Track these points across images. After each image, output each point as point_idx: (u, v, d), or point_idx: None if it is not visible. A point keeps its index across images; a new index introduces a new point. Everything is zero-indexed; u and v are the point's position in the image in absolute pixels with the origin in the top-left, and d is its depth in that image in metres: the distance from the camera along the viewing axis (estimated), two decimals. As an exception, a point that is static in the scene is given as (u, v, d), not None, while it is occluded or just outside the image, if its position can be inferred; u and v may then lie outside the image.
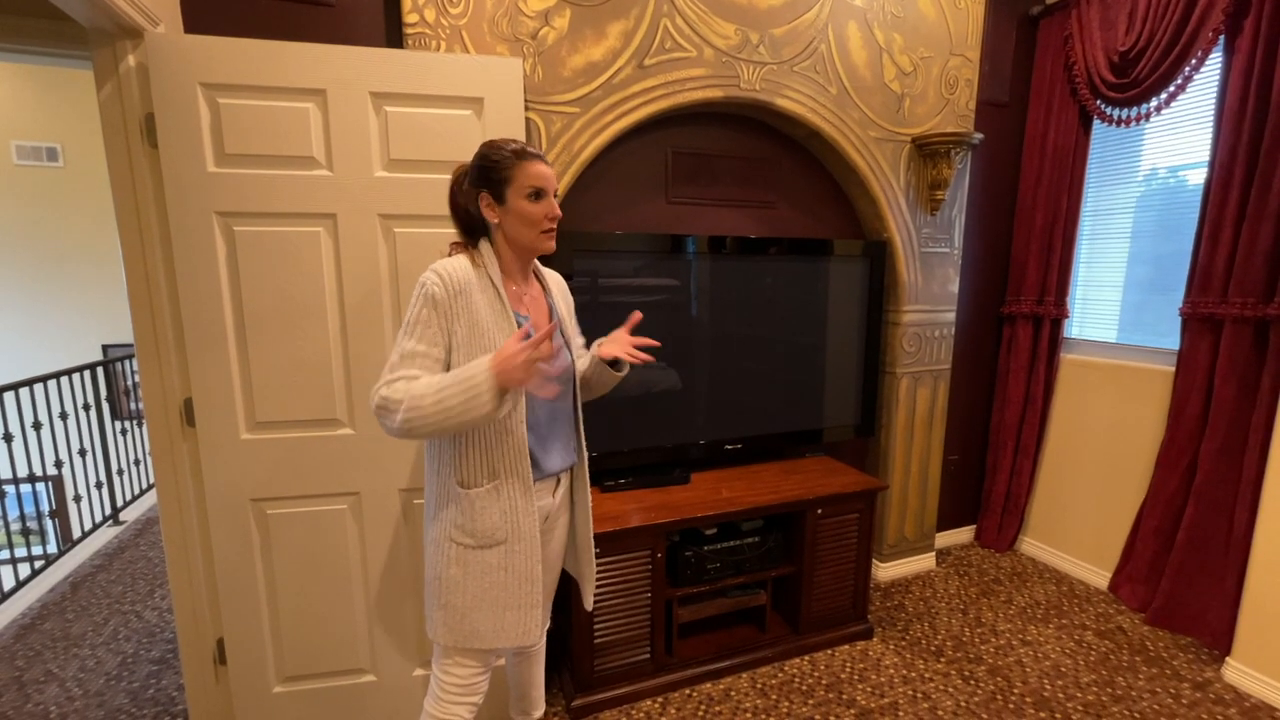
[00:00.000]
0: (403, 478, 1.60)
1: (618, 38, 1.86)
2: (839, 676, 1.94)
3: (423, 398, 1.02)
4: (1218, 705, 1.82)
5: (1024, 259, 2.69)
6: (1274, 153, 1.90)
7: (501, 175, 1.15)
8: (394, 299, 1.54)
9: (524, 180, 1.14)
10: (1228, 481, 2.06)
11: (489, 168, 1.15)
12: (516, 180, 1.14)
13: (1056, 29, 2.54)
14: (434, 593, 1.20)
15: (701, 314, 2.10)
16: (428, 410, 1.02)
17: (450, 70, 1.50)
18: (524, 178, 1.14)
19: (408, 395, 1.04)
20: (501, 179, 1.15)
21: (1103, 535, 2.50)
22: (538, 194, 1.15)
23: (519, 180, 1.14)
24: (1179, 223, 2.27)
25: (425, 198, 1.52)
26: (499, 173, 1.15)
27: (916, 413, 2.52)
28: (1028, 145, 2.68)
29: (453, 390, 1.01)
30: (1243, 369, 2.01)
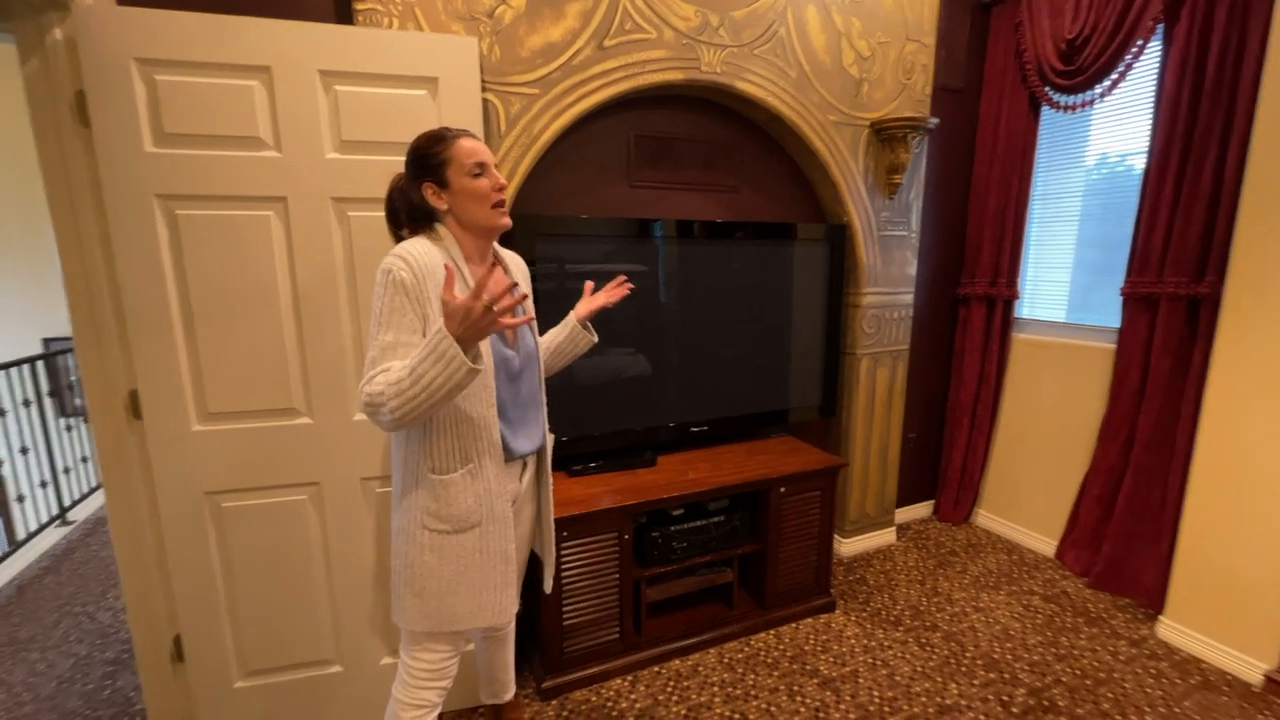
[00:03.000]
0: (364, 466, 1.58)
1: (576, 18, 1.84)
2: (803, 648, 2.00)
3: (402, 383, 0.99)
4: (1151, 660, 1.94)
5: (978, 242, 2.78)
6: (1205, 139, 1.99)
7: (439, 160, 1.13)
8: (350, 284, 1.51)
9: (462, 158, 1.13)
10: (1162, 451, 2.18)
11: (424, 156, 1.14)
12: (455, 160, 1.13)
13: (1008, 16, 2.60)
14: (405, 580, 1.19)
15: (666, 298, 2.11)
16: (412, 392, 0.99)
17: (403, 48, 1.46)
18: (461, 155, 1.13)
19: (388, 386, 1.01)
20: (440, 163, 1.14)
21: (1050, 506, 2.63)
22: (480, 168, 1.14)
23: (457, 159, 1.13)
24: (1122, 206, 2.37)
25: (380, 181, 1.48)
26: (435, 158, 1.14)
27: (876, 393, 2.60)
28: (981, 130, 2.75)
29: (425, 365, 0.97)
30: (1176, 345, 2.12)
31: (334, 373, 1.52)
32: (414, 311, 1.08)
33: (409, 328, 1.08)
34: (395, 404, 1.00)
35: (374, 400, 1.02)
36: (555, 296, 1.85)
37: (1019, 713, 1.71)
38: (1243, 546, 1.86)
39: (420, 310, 1.09)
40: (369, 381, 1.04)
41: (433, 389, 0.98)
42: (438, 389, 0.99)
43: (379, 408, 1.02)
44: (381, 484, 1.60)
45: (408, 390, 0.99)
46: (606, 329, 1.52)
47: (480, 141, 1.17)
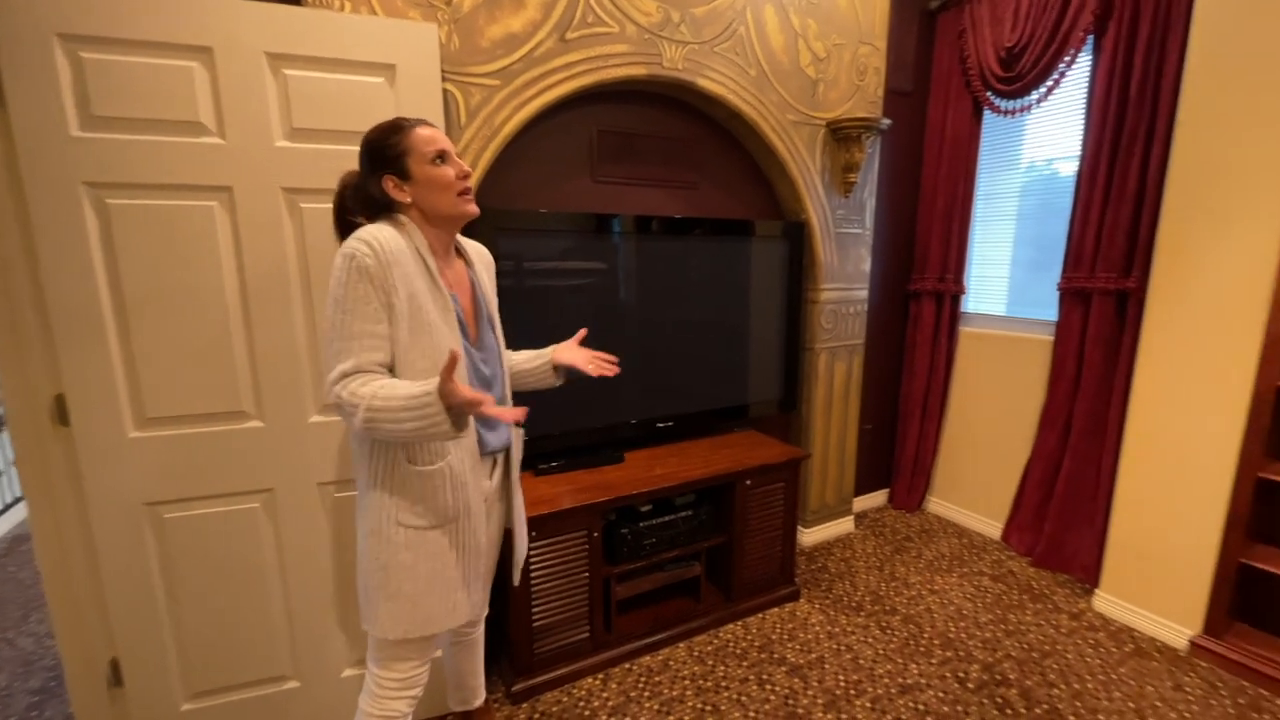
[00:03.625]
0: (322, 471, 1.51)
1: (538, 8, 1.81)
2: (770, 638, 2.04)
3: (380, 412, 0.97)
4: (1090, 631, 2.07)
5: (927, 239, 2.89)
6: (1131, 144, 2.13)
7: (397, 150, 1.09)
8: (302, 279, 1.44)
9: (421, 146, 1.09)
10: (1096, 436, 2.33)
11: (381, 148, 1.10)
12: (414, 149, 1.09)
13: (952, 23, 2.72)
14: (378, 584, 1.13)
15: (631, 294, 2.10)
16: (388, 426, 0.98)
17: (357, 32, 1.40)
18: (421, 144, 1.09)
19: (364, 405, 0.98)
20: (398, 154, 1.09)
21: (996, 491, 2.77)
22: (441, 156, 1.10)
23: (416, 149, 1.08)
24: (1057, 206, 2.51)
25: (335, 171, 1.41)
26: (393, 149, 1.09)
27: (834, 386, 2.67)
28: (929, 132, 2.86)
29: (409, 413, 0.96)
30: (1107, 336, 2.27)
31: (287, 373, 1.45)
32: (378, 299, 1.03)
33: (374, 317, 1.03)
34: (369, 425, 0.99)
35: (345, 406, 1.00)
36: (516, 294, 1.82)
37: (974, 688, 1.79)
38: (1168, 523, 2.00)
39: (385, 299, 1.04)
40: (343, 384, 1.01)
41: (406, 432, 0.98)
42: (411, 434, 0.98)
43: (349, 414, 1.00)
44: (340, 488, 1.53)
45: (384, 423, 0.98)
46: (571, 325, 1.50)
47: (438, 129, 1.13)
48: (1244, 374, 1.81)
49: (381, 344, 1.05)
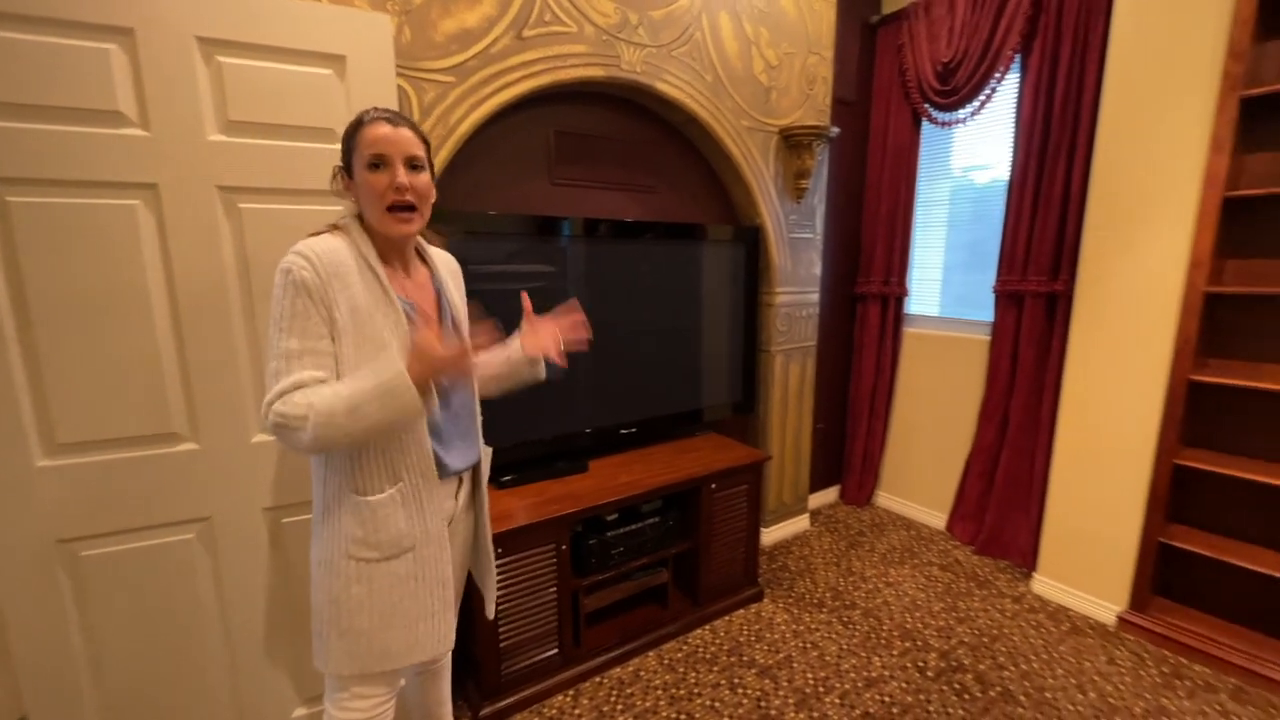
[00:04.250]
0: (266, 495, 1.38)
1: (493, 4, 1.74)
2: (738, 640, 2.05)
3: (333, 413, 0.90)
4: (1030, 612, 2.21)
5: (872, 244, 3.01)
6: (1055, 155, 2.29)
7: (348, 146, 1.02)
8: (243, 286, 1.31)
9: (363, 147, 0.99)
10: (1031, 429, 2.49)
11: (343, 141, 1.03)
12: (358, 149, 0.99)
13: (892, 37, 2.84)
14: (328, 619, 1.05)
15: (591, 299, 2.04)
16: (347, 426, 0.91)
17: (302, 20, 1.29)
18: (363, 144, 0.99)
19: (312, 411, 0.90)
20: (349, 149, 1.02)
21: (940, 484, 2.91)
22: (378, 161, 0.98)
23: (359, 148, 0.99)
24: (991, 213, 2.67)
25: (280, 168, 1.31)
26: (346, 144, 1.03)
27: (789, 387, 2.72)
28: (872, 141, 2.98)
29: (369, 399, 0.90)
30: (1039, 335, 2.43)
31: (226, 389, 1.32)
32: (318, 314, 0.96)
33: (315, 333, 0.96)
34: (321, 432, 0.91)
35: (289, 421, 0.91)
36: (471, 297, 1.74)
37: (933, 676, 1.87)
38: (1096, 508, 2.16)
39: (326, 313, 0.97)
40: (282, 399, 0.92)
41: (371, 425, 0.91)
42: (377, 425, 0.92)
43: (295, 430, 0.91)
44: (289, 512, 1.41)
45: (341, 423, 0.91)
46: None
47: (402, 129, 1.01)
48: (1160, 369, 1.97)
49: (324, 360, 0.97)
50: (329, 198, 1.36)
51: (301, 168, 1.32)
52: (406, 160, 1.00)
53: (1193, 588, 2.07)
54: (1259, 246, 1.89)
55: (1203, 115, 1.83)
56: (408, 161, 1.00)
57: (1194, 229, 1.87)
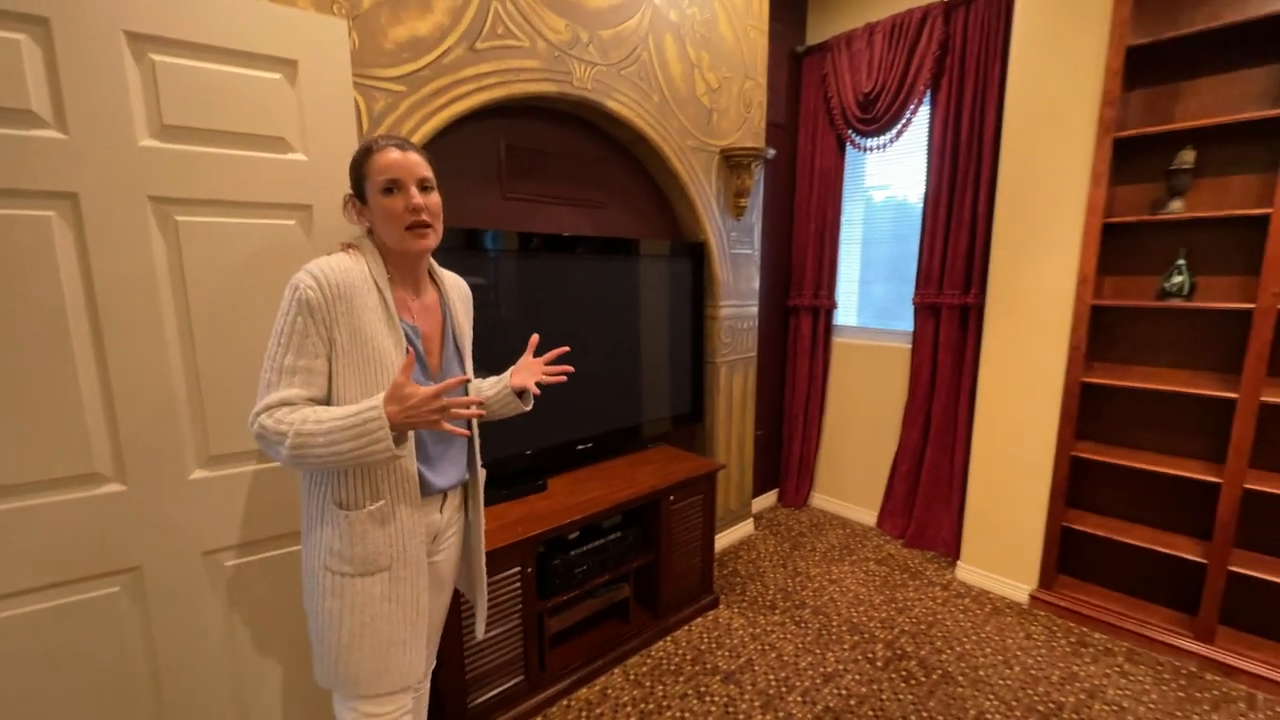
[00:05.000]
0: (209, 536, 1.25)
1: (445, 14, 1.69)
2: (700, 649, 2.08)
3: (311, 437, 0.91)
4: (957, 597, 2.41)
5: (803, 259, 3.18)
6: (964, 181, 2.55)
7: (359, 174, 1.05)
8: (179, 307, 1.19)
9: (375, 174, 1.03)
10: (950, 430, 2.72)
11: (352, 169, 1.07)
12: (370, 176, 1.04)
13: (817, 67, 3.04)
14: (311, 629, 1.07)
15: (545, 314, 2.04)
16: (318, 452, 0.92)
17: (250, 20, 1.20)
18: (375, 171, 1.03)
19: (293, 431, 0.91)
20: (359, 177, 1.05)
21: (870, 483, 3.11)
22: (392, 186, 1.03)
23: (371, 175, 1.04)
24: (911, 231, 2.91)
25: (224, 178, 1.20)
26: (357, 170, 1.06)
27: (734, 397, 2.82)
28: (800, 163, 3.16)
29: (344, 434, 0.91)
30: (954, 343, 2.67)
31: (160, 423, 1.18)
32: (318, 334, 0.98)
33: (311, 351, 0.98)
34: (295, 452, 0.93)
35: (269, 435, 0.95)
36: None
37: (882, 665, 1.99)
38: (1008, 499, 2.40)
39: (326, 334, 0.98)
40: (269, 413, 0.95)
41: (341, 456, 0.93)
42: (346, 457, 0.93)
43: (274, 444, 0.94)
44: (239, 553, 1.28)
45: (315, 449, 0.92)
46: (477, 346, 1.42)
47: (410, 154, 1.05)
48: (1057, 372, 2.24)
49: (316, 380, 0.99)
50: (279, 210, 1.27)
51: (249, 178, 1.22)
52: (418, 182, 1.05)
53: (1090, 565, 2.35)
54: (1129, 265, 2.20)
55: (1084, 153, 2.11)
56: (420, 183, 1.05)
57: (1081, 250, 2.14)
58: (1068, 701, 1.83)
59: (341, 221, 1.35)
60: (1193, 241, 2.05)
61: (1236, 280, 1.98)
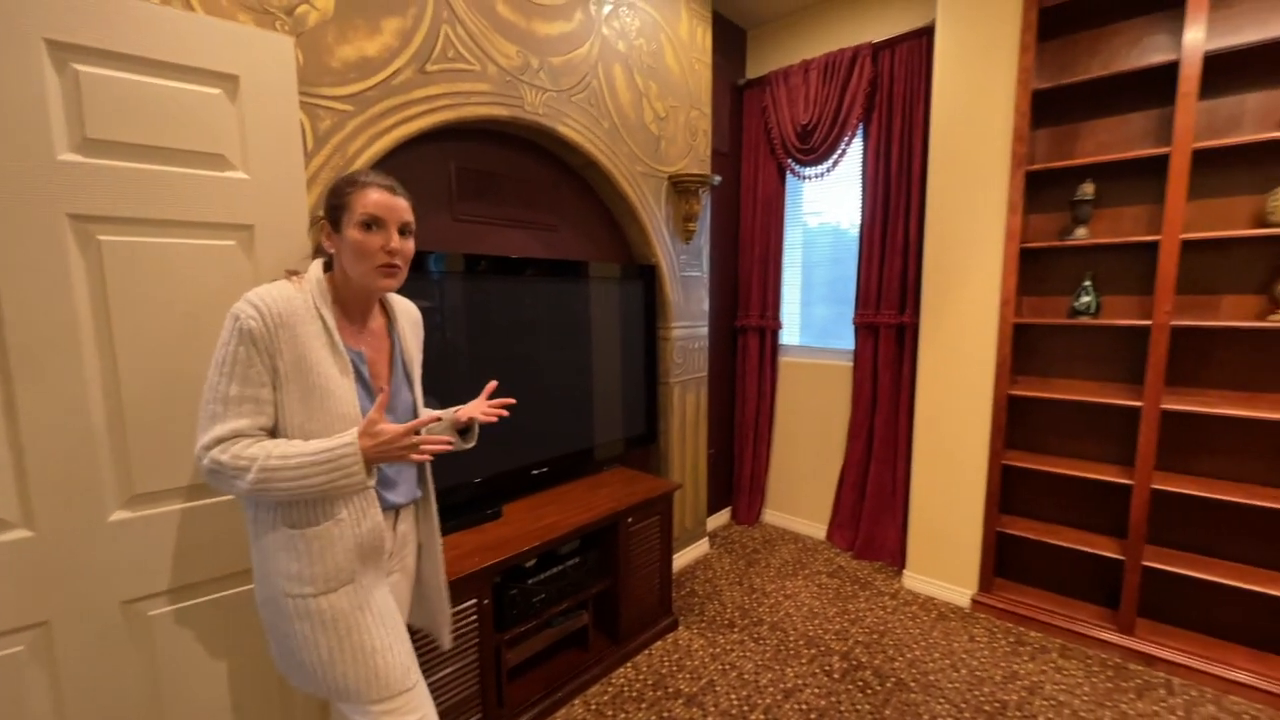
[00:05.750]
0: (130, 583, 1.14)
1: (394, 35, 1.68)
2: (661, 673, 2.06)
3: (278, 471, 0.91)
4: (905, 605, 2.49)
5: (749, 282, 3.28)
6: (896, 208, 2.72)
7: (341, 201, 1.04)
8: (100, 334, 1.10)
9: (359, 207, 1.04)
10: (892, 443, 2.85)
11: (333, 193, 1.06)
12: (352, 207, 1.04)
13: (757, 99, 3.18)
14: (285, 653, 1.05)
15: (494, 337, 2.01)
16: (287, 485, 0.92)
17: (188, 34, 1.15)
18: (360, 205, 1.04)
19: (257, 466, 0.91)
20: (340, 205, 1.04)
21: (818, 498, 3.20)
22: (371, 223, 1.04)
23: (354, 207, 1.04)
24: (849, 255, 3.06)
25: (154, 196, 1.13)
26: (339, 198, 1.05)
27: (686, 417, 2.85)
28: (744, 190, 3.29)
29: (316, 467, 0.93)
30: (893, 361, 2.81)
31: (73, 461, 1.08)
32: (262, 363, 0.96)
33: (257, 380, 0.96)
34: (260, 485, 0.92)
35: (225, 470, 0.93)
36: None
37: (839, 677, 2.03)
38: (948, 508, 2.53)
39: (270, 362, 0.97)
40: (222, 447, 0.94)
41: (311, 487, 0.94)
42: (316, 488, 0.94)
43: (232, 478, 0.92)
44: (166, 600, 1.17)
45: (284, 482, 0.93)
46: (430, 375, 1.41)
47: (399, 198, 1.07)
48: (986, 386, 2.39)
49: (265, 409, 0.97)
50: (218, 230, 1.21)
51: (184, 196, 1.16)
52: (401, 226, 1.07)
53: (1024, 567, 2.50)
54: (1044, 287, 2.39)
55: (1001, 184, 2.30)
56: (402, 227, 1.07)
57: (1002, 273, 2.32)
58: (1010, 700, 1.91)
59: (288, 242, 1.29)
60: (1097, 265, 2.26)
61: (1135, 300, 2.20)
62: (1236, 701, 1.89)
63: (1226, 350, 2.04)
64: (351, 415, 1.02)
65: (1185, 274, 2.07)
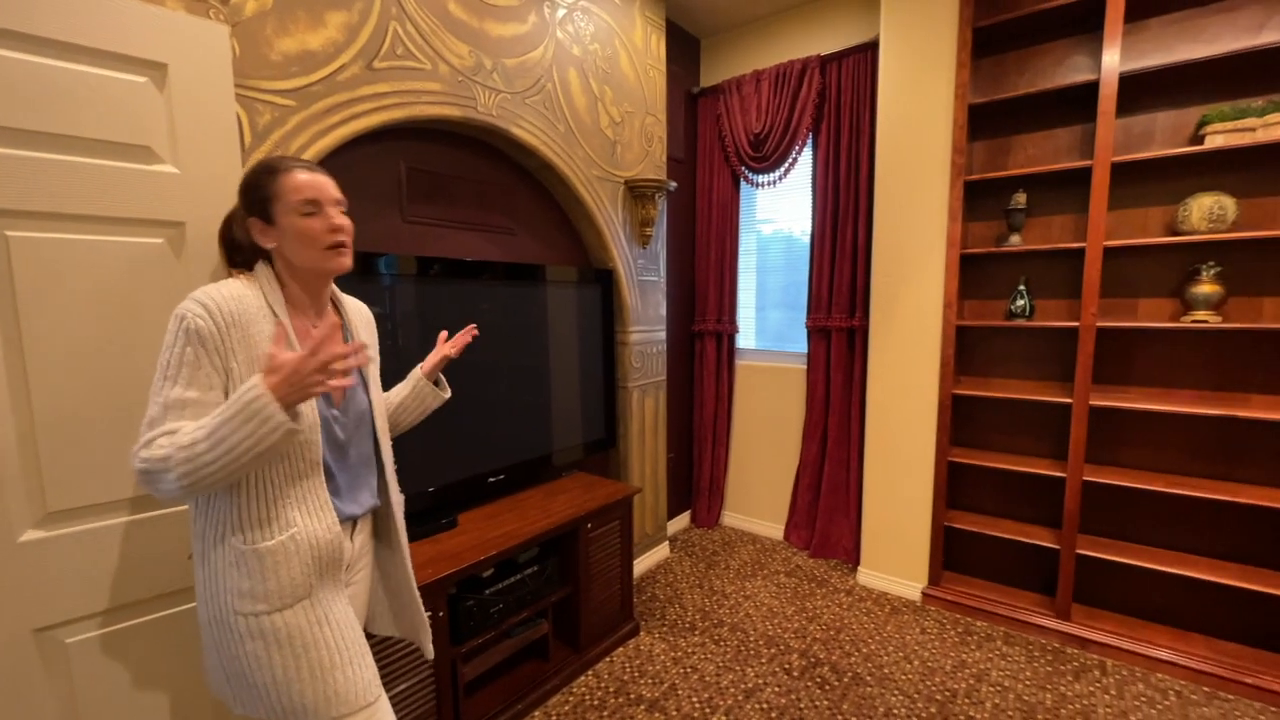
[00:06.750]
0: (43, 610, 1.05)
1: (339, 29, 1.62)
2: (622, 679, 2.03)
3: (195, 446, 0.83)
4: (860, 601, 2.56)
5: (705, 287, 3.32)
6: (846, 216, 2.80)
7: (264, 194, 0.98)
8: (10, 339, 1.01)
9: (290, 194, 0.99)
10: (845, 443, 2.92)
11: (251, 188, 1.00)
12: (281, 196, 0.98)
13: (711, 107, 3.24)
14: (235, 674, 0.97)
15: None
16: (210, 458, 0.83)
17: (107, 17, 1.07)
18: (289, 191, 0.99)
19: (174, 450, 0.83)
20: (265, 196, 0.98)
21: (775, 498, 3.25)
22: (312, 206, 0.99)
23: (284, 195, 0.98)
24: (802, 261, 3.14)
25: (70, 189, 1.05)
26: (261, 191, 0.99)
27: (645, 421, 2.85)
28: (699, 196, 3.33)
29: (230, 426, 0.83)
30: (844, 363, 2.89)
31: (-22, 475, 0.99)
32: (211, 365, 0.91)
33: (204, 383, 0.91)
34: (185, 470, 0.84)
35: (152, 466, 0.85)
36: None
37: (798, 674, 2.06)
38: (898, 505, 2.61)
39: (221, 363, 0.92)
40: (147, 445, 0.86)
41: (237, 453, 0.84)
42: (243, 453, 0.84)
43: (160, 475, 0.86)
44: (89, 625, 1.08)
45: (204, 455, 0.84)
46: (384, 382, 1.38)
47: (321, 175, 1.02)
48: (932, 386, 2.49)
49: (209, 413, 0.89)
50: (144, 227, 1.13)
51: (106, 190, 1.08)
52: (335, 203, 1.02)
53: (970, 559, 2.60)
54: (983, 290, 2.51)
55: (942, 193, 2.41)
56: (336, 204, 1.03)
57: (945, 277, 2.42)
58: (960, 688, 1.98)
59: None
60: (1030, 270, 2.39)
61: (1065, 303, 2.33)
62: (1162, 678, 2.02)
63: (1145, 349, 2.19)
64: (309, 419, 0.97)
65: (1108, 279, 2.21)
